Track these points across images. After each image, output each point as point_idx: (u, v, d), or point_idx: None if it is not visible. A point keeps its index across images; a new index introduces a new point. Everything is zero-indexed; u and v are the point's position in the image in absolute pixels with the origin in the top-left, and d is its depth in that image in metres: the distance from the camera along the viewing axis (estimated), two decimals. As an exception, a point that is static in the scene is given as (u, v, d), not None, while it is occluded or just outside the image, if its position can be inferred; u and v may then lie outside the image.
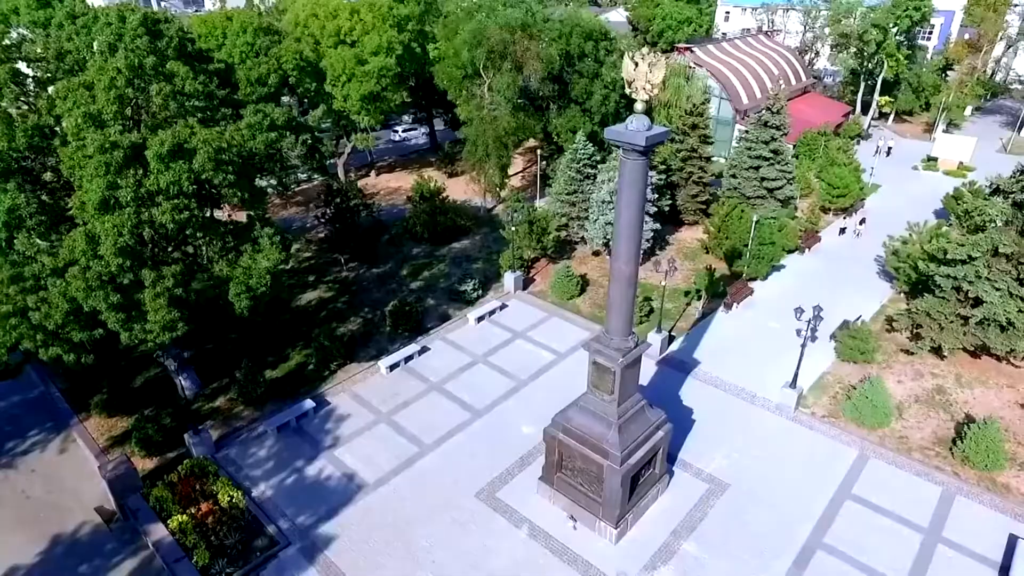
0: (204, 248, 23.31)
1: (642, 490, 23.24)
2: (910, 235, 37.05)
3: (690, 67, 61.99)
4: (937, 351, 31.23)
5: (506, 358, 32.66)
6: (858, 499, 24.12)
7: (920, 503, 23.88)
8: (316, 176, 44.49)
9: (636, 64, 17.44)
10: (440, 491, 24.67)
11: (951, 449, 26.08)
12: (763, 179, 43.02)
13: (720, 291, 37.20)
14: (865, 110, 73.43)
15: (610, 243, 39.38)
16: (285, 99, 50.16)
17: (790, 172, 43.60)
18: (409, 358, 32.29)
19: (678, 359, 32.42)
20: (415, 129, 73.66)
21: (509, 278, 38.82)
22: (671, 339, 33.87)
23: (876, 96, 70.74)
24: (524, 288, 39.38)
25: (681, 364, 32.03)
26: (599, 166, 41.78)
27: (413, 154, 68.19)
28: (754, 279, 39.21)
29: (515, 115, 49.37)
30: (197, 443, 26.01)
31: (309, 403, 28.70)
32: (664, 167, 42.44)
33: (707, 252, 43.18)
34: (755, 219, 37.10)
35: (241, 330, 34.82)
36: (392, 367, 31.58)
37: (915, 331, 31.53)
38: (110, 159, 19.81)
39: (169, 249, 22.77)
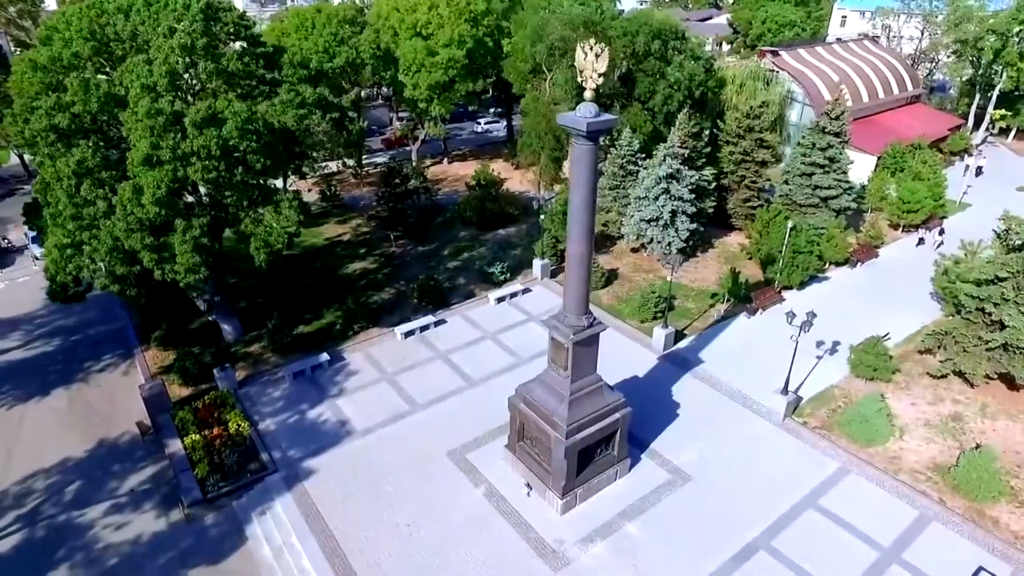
0: (232, 205, 26.76)
1: (597, 469, 24.09)
2: (964, 255, 34.52)
3: (772, 71, 60.04)
4: (964, 376, 29.23)
5: (514, 338, 34.22)
6: (822, 509, 23.57)
7: (889, 523, 22.96)
8: (349, 155, 48.27)
9: (585, 55, 18.51)
10: (417, 446, 26.79)
11: (944, 476, 24.67)
12: (816, 187, 41.38)
13: (746, 295, 36.54)
14: (978, 124, 67.28)
15: (642, 239, 40.00)
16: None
17: (847, 181, 41.59)
18: (425, 328, 34.69)
19: (682, 356, 32.51)
20: (498, 122, 76.47)
21: (537, 265, 40.24)
22: (680, 336, 33.92)
23: (990, 109, 64.64)
24: (552, 276, 40.62)
25: (683, 361, 32.12)
26: (641, 163, 42.11)
27: (490, 145, 70.83)
28: (788, 288, 38.08)
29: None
30: (223, 378, 29.82)
31: (324, 356, 31.85)
32: (701, 166, 41.90)
33: (750, 258, 42.27)
34: (790, 225, 36.06)
35: (289, 290, 39.02)
36: (407, 334, 34.12)
37: (939, 353, 29.67)
38: (154, 123, 23.59)
39: (198, 202, 26.40)
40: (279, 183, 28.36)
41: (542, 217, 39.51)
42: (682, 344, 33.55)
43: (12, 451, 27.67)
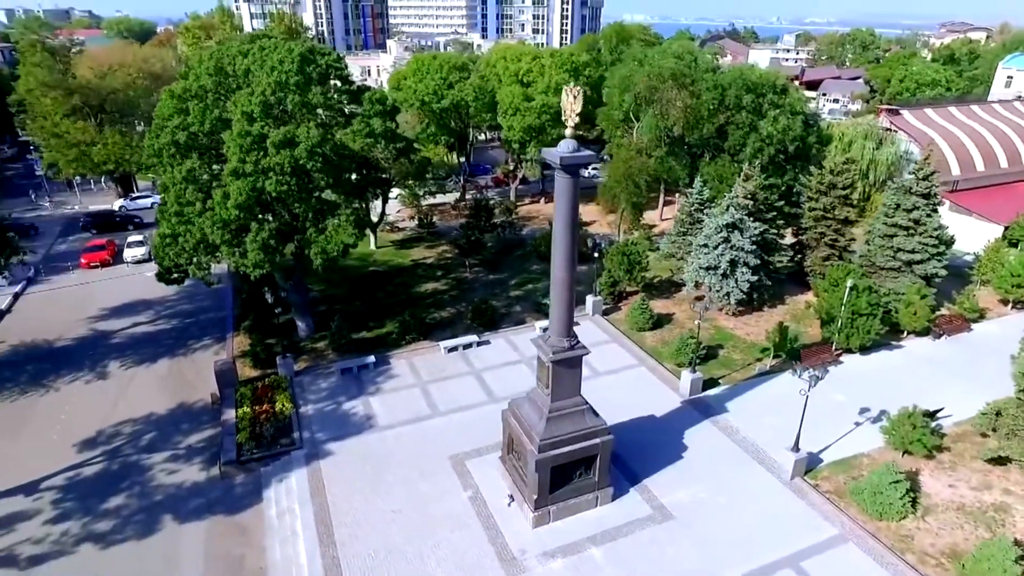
0: (299, 215, 31.36)
1: (574, 491, 24.80)
2: (1055, 335, 30.82)
3: (889, 130, 57.00)
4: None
5: (547, 365, 35.58)
6: (801, 571, 22.44)
7: (873, 599, 21.38)
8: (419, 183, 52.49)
9: (567, 97, 20.51)
10: (425, 447, 29.07)
11: (956, 564, 22.39)
12: (898, 249, 38.85)
13: (795, 353, 35.12)
14: None
15: (700, 284, 40.08)
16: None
17: (936, 247, 38.58)
18: (468, 346, 37.22)
19: (707, 403, 32.08)
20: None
21: (590, 301, 41.43)
22: (712, 384, 33.43)
23: None
24: (604, 314, 41.54)
25: (707, 407, 31.68)
26: (707, 211, 42.20)
27: (591, 189, 72.90)
28: (849, 351, 35.98)
29: (663, 160, 51.65)
30: (283, 365, 34.28)
31: (371, 358, 35.40)
32: (771, 218, 40.99)
33: (819, 318, 40.33)
34: (849, 285, 34.39)
35: (365, 300, 43.59)
36: (451, 349, 36.83)
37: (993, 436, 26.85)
38: (243, 142, 28.79)
39: (271, 210, 31.22)
40: (346, 200, 32.51)
41: (595, 255, 40.81)
42: (712, 391, 33.05)
43: (118, 403, 33.72)
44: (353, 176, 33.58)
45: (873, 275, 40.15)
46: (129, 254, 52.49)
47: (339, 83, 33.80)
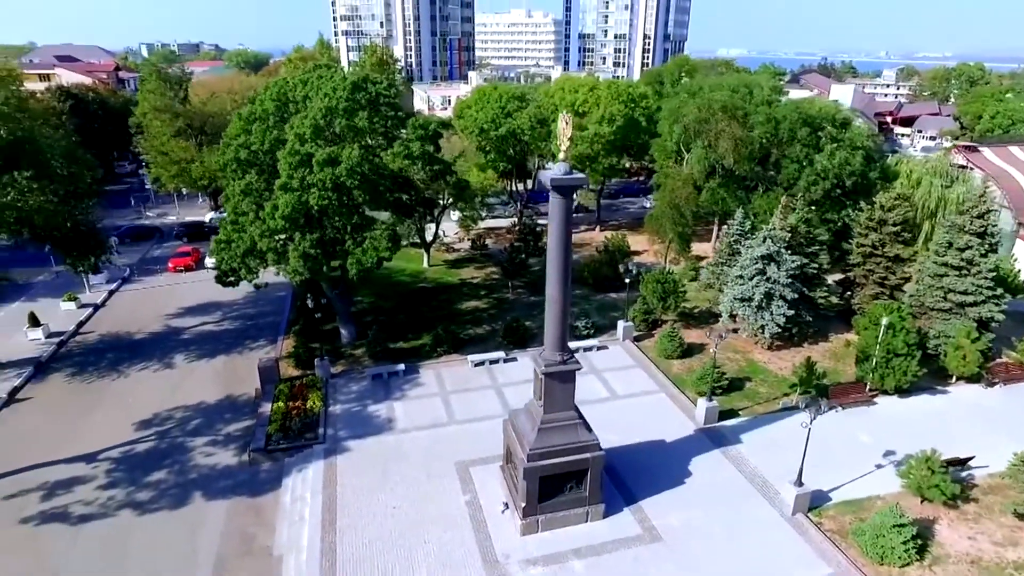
0: (339, 228, 34.06)
1: (564, 503, 25.38)
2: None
3: (964, 167, 54.16)
4: (1051, 524, 24.35)
5: (568, 384, 36.31)
6: (783, 606, 21.94)
7: (855, 641, 20.59)
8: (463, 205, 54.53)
9: (561, 123, 21.84)
10: (435, 451, 30.51)
11: (956, 616, 21.21)
12: (949, 290, 36.91)
13: (823, 390, 34.03)
14: None
15: (735, 315, 39.81)
16: None
17: (992, 288, 36.36)
18: (495, 362, 38.57)
19: (721, 432, 31.72)
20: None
21: (621, 326, 41.79)
22: (731, 414, 33.01)
23: None
24: (635, 340, 41.75)
25: (720, 437, 31.34)
26: (745, 242, 41.78)
27: (640, 218, 73.22)
28: (885, 392, 34.45)
29: (715, 192, 51.55)
30: (320, 367, 36.92)
31: (401, 367, 37.42)
32: (814, 252, 40.01)
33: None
34: (884, 323, 33.12)
35: (409, 314, 46.02)
36: (478, 364, 38.30)
37: None
38: (293, 160, 31.92)
39: (318, 223, 34.06)
40: (397, 219, 35.10)
41: (627, 281, 41.28)
42: (729, 422, 32.63)
43: (176, 391, 37.38)
44: (392, 195, 36.00)
45: (923, 316, 38.31)
46: (210, 261, 57.74)
47: (388, 109, 36.57)
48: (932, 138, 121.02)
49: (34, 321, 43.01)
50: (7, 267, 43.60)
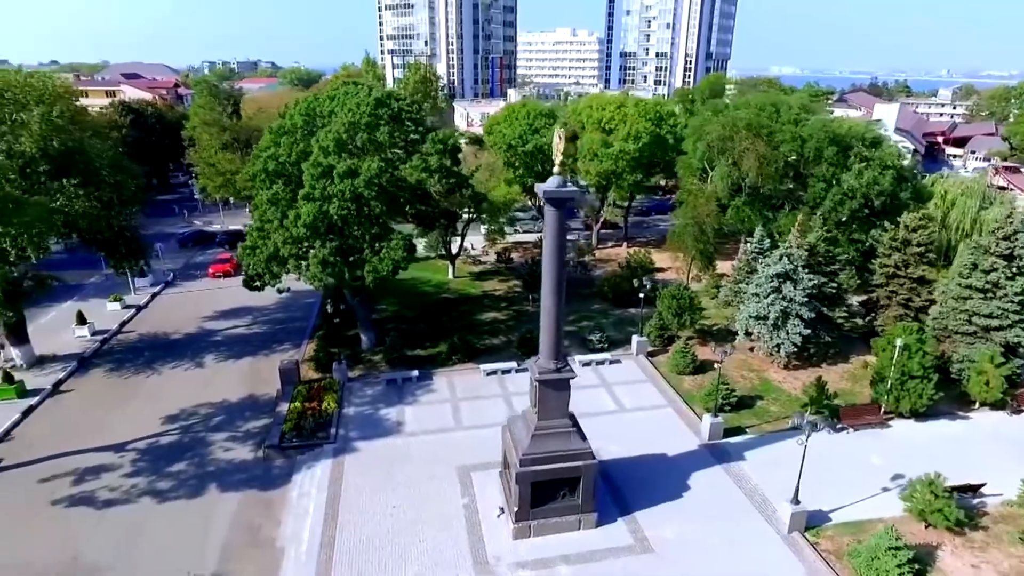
0: (358, 237, 35.52)
1: (557, 510, 25.79)
2: None
3: (1005, 188, 52.56)
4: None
5: (576, 397, 36.45)
6: (767, 622, 21.81)
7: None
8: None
9: (556, 138, 22.67)
10: (439, 455, 31.34)
11: (947, 643, 20.71)
12: (973, 314, 35.91)
13: (834, 410, 33.50)
14: None
15: (750, 333, 39.67)
16: None
17: (1019, 312, 35.20)
18: (506, 371, 39.29)
19: (725, 448, 31.61)
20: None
21: (635, 341, 41.96)
22: (738, 431, 32.83)
23: None
24: (650, 356, 41.83)
25: (723, 453, 31.24)
26: (762, 260, 41.52)
27: (663, 235, 72.98)
28: (901, 415, 33.68)
29: (739, 209, 51.38)
30: (337, 370, 38.34)
31: (415, 373, 38.54)
32: (833, 271, 39.45)
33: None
34: (899, 344, 32.49)
35: (429, 323, 47.23)
36: (490, 373, 39.10)
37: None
38: (315, 171, 33.61)
39: (339, 232, 35.57)
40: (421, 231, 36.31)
41: (641, 295, 41.50)
42: (734, 439, 32.47)
43: (203, 389, 39.29)
44: (412, 207, 37.36)
45: (946, 340, 37.34)
46: (246, 267, 60.49)
47: (411, 124, 38.09)
48: (986, 159, 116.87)
49: (81, 319, 45.90)
50: (62, 269, 46.73)
